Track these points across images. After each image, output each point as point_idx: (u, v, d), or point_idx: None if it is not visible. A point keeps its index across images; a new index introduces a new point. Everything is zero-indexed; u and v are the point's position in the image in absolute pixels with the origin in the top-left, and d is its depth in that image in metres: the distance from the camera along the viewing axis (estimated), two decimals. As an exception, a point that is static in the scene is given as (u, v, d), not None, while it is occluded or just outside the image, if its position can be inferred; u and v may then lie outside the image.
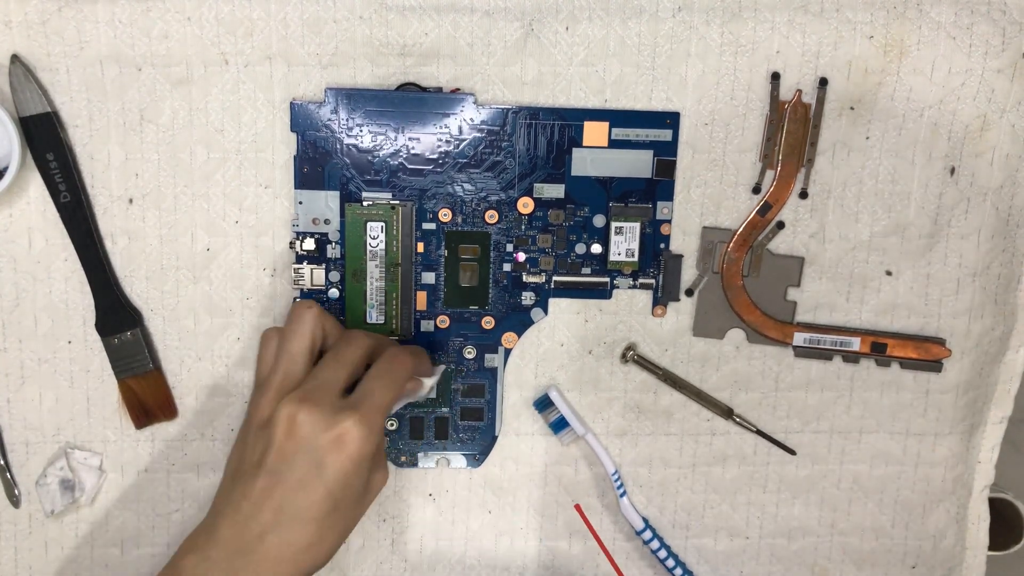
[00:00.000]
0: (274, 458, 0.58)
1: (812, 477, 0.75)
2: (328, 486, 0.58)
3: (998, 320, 0.73)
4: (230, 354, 0.70)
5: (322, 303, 0.69)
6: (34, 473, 0.70)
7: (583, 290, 0.70)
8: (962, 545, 0.78)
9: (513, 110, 0.67)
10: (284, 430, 0.58)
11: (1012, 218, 0.71)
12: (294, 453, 0.58)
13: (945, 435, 0.75)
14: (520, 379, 0.72)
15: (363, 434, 0.58)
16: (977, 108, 0.68)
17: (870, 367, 0.73)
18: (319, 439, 0.58)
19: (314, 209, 0.67)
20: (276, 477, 0.58)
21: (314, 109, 0.66)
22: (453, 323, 0.70)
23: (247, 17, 0.64)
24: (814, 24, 0.67)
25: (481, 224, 0.69)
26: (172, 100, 0.66)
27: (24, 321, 0.68)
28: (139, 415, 0.69)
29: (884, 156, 0.69)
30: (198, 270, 0.68)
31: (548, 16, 0.66)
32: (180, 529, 0.72)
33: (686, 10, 0.66)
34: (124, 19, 0.64)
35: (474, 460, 0.73)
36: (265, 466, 0.58)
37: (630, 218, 0.69)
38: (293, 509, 0.58)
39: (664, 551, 0.74)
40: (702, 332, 0.72)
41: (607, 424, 0.73)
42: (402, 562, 0.74)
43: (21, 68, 0.63)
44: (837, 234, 0.71)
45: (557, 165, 0.68)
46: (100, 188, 0.66)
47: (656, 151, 0.68)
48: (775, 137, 0.68)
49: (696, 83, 0.68)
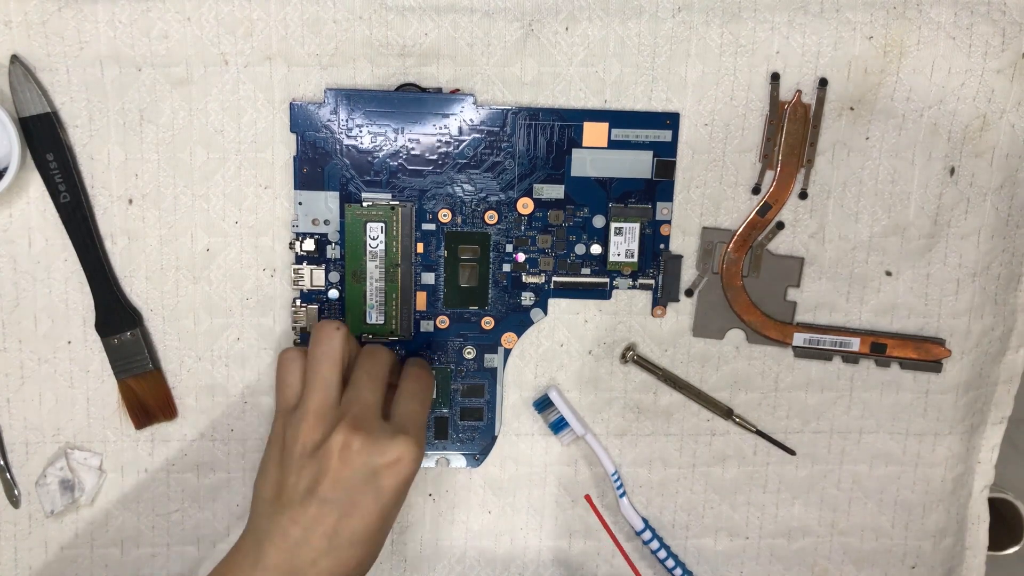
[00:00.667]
0: (328, 486, 0.59)
1: (812, 477, 0.75)
2: (383, 506, 0.60)
3: (998, 320, 0.73)
4: (230, 354, 0.70)
5: (321, 304, 0.69)
6: (34, 473, 0.70)
7: (583, 291, 0.70)
8: (962, 545, 0.78)
9: (513, 111, 0.67)
10: (339, 458, 0.59)
11: (1012, 218, 0.71)
12: (350, 480, 0.59)
13: (945, 435, 0.75)
14: (520, 379, 0.72)
15: (417, 455, 0.60)
16: (977, 108, 0.68)
17: (870, 367, 0.73)
18: (376, 464, 0.59)
19: (314, 210, 0.67)
20: (331, 505, 0.59)
21: (314, 110, 0.66)
22: (453, 323, 0.70)
23: (247, 17, 0.64)
24: (814, 24, 0.67)
25: (481, 225, 0.69)
26: (172, 100, 0.66)
27: (24, 321, 0.68)
28: (139, 415, 0.69)
29: (884, 156, 0.69)
30: (198, 270, 0.68)
31: (548, 16, 0.66)
32: (180, 529, 0.72)
33: (686, 10, 0.66)
34: (124, 19, 0.64)
35: (474, 460, 0.73)
36: (318, 494, 0.59)
37: (630, 219, 0.69)
38: (348, 533, 0.59)
39: (664, 551, 0.74)
40: (702, 332, 0.72)
41: (607, 424, 0.73)
42: (402, 561, 0.74)
43: (21, 68, 0.63)
44: (837, 234, 0.71)
45: (557, 166, 0.68)
46: (100, 188, 0.66)
47: (656, 152, 0.68)
48: (775, 137, 0.68)
49: (696, 83, 0.68)
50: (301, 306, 0.68)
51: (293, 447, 0.60)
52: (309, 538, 0.58)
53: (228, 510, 0.72)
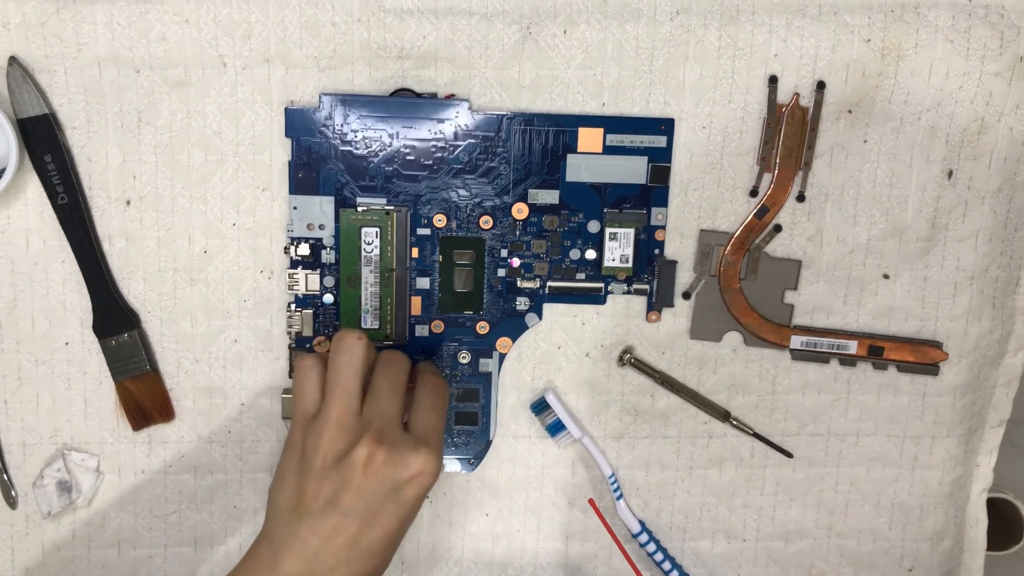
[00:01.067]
0: (350, 498, 0.59)
1: (809, 480, 0.75)
2: (403, 516, 0.61)
3: (996, 323, 0.73)
4: (227, 356, 0.70)
5: (316, 308, 0.69)
6: (31, 474, 0.70)
7: (577, 295, 0.70)
8: (960, 548, 0.78)
9: (508, 116, 0.67)
10: (363, 471, 0.59)
11: (1010, 221, 0.71)
12: (373, 492, 0.59)
13: (942, 438, 0.75)
14: (517, 382, 0.72)
15: (436, 468, 0.61)
16: (975, 111, 0.68)
17: (867, 370, 0.73)
18: (399, 476, 0.60)
19: (309, 214, 0.67)
20: (352, 517, 0.59)
21: (309, 114, 0.66)
22: (447, 328, 0.70)
23: (245, 20, 0.64)
24: (812, 27, 0.66)
25: (476, 229, 0.69)
26: (170, 102, 0.66)
27: (21, 323, 0.68)
28: (136, 417, 0.70)
29: (882, 159, 0.69)
30: (195, 272, 0.68)
31: (546, 19, 0.66)
32: (177, 531, 0.72)
33: (684, 13, 0.66)
34: (122, 21, 0.64)
35: (468, 464, 0.73)
36: (340, 506, 0.59)
37: (624, 224, 0.69)
38: (367, 544, 0.60)
39: (661, 554, 0.74)
40: (699, 335, 0.72)
41: (604, 427, 0.73)
42: (399, 563, 0.75)
43: (19, 70, 0.63)
44: (834, 237, 0.70)
45: (552, 171, 0.68)
46: (98, 190, 0.67)
47: (651, 157, 0.68)
48: (772, 140, 0.68)
49: (694, 86, 0.67)
50: (296, 310, 0.69)
51: (314, 457, 0.60)
52: (328, 548, 0.59)
53: (226, 512, 0.72)
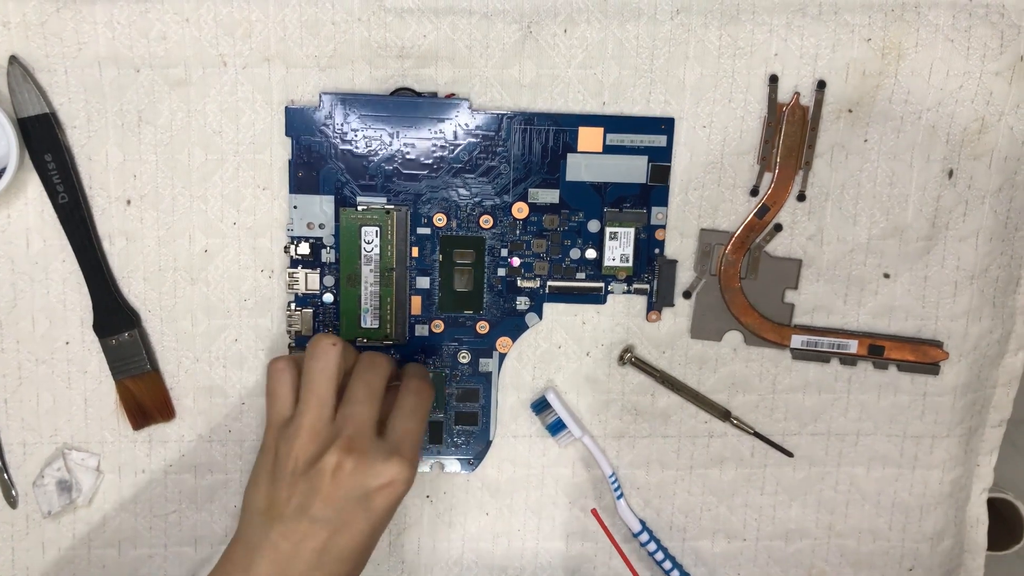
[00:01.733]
0: (320, 505, 0.59)
1: (809, 479, 0.75)
2: (373, 524, 0.60)
3: (996, 323, 0.73)
4: (228, 355, 0.70)
5: (316, 307, 0.69)
6: (31, 474, 0.70)
7: (578, 295, 0.70)
8: (960, 548, 0.78)
9: (508, 115, 0.67)
10: (332, 479, 0.59)
11: (1010, 221, 0.71)
12: (343, 499, 0.59)
13: (943, 438, 0.75)
14: (518, 381, 0.72)
15: (409, 477, 0.61)
16: (975, 111, 0.68)
17: (867, 369, 0.73)
18: (368, 485, 0.60)
19: (309, 214, 0.67)
20: (322, 524, 0.59)
21: (309, 113, 0.66)
22: (447, 328, 0.70)
23: (245, 19, 0.64)
24: (812, 27, 0.66)
25: (476, 229, 0.69)
26: (170, 101, 0.66)
27: (22, 322, 0.68)
28: (137, 416, 0.70)
29: (882, 159, 0.69)
30: (196, 271, 0.68)
31: (546, 18, 0.66)
32: (177, 530, 0.72)
33: (684, 13, 0.66)
34: (122, 20, 0.64)
35: (468, 464, 0.73)
36: (309, 513, 0.59)
37: (624, 223, 0.69)
38: (337, 550, 0.60)
39: (661, 553, 0.74)
40: (700, 334, 0.72)
41: (604, 426, 0.73)
42: (399, 563, 0.75)
43: (19, 69, 0.63)
44: (835, 236, 0.70)
45: (552, 170, 0.68)
46: (98, 189, 0.67)
47: (651, 156, 0.68)
48: (773, 139, 0.68)
49: (694, 86, 0.67)
50: (296, 310, 0.69)
51: (286, 462, 0.60)
52: (299, 553, 0.59)
53: (226, 511, 0.72)
